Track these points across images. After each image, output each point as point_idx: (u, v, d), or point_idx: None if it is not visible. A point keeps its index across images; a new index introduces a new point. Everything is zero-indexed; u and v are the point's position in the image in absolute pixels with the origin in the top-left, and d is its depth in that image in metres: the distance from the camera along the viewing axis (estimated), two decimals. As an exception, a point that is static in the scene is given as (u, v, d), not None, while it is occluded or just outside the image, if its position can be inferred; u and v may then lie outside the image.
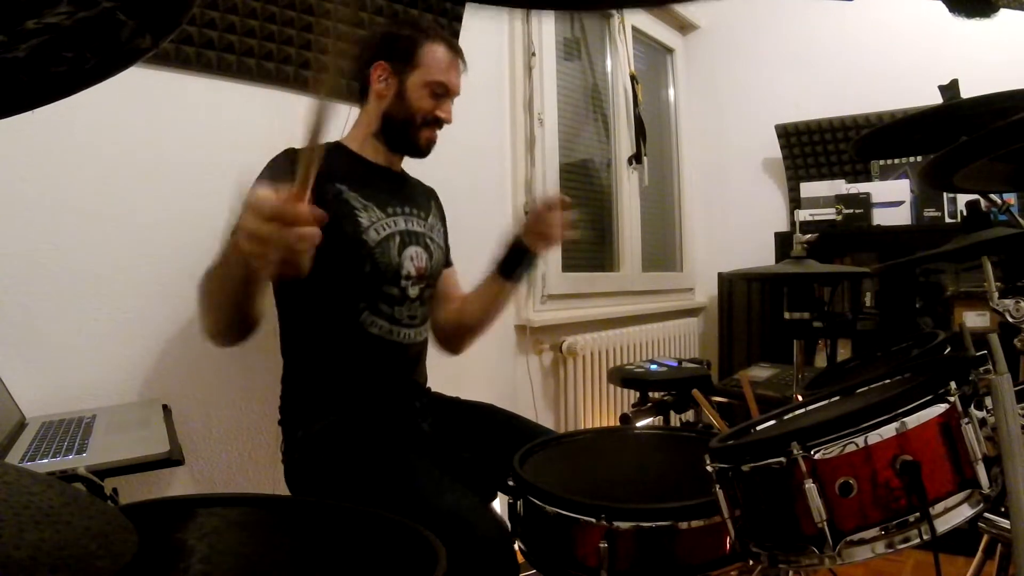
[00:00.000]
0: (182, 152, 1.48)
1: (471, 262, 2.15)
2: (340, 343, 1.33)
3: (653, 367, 2.20)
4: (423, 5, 1.94)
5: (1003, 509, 0.93)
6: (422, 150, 1.42)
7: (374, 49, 1.39)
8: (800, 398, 1.45)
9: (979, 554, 1.38)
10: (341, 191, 1.32)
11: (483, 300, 1.53)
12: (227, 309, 1.04)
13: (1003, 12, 0.67)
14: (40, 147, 1.28)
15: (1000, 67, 2.11)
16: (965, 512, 0.77)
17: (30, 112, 0.38)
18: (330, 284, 1.31)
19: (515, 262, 1.47)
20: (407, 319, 1.38)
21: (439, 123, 1.41)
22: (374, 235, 1.33)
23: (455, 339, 1.59)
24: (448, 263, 1.60)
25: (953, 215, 2.57)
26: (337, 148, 1.41)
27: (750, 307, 3.03)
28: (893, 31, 2.84)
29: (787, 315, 1.80)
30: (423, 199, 1.52)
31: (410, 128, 1.38)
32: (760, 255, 3.01)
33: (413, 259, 1.38)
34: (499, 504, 1.45)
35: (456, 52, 1.41)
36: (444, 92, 1.39)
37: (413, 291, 1.39)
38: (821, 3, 2.96)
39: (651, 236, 3.22)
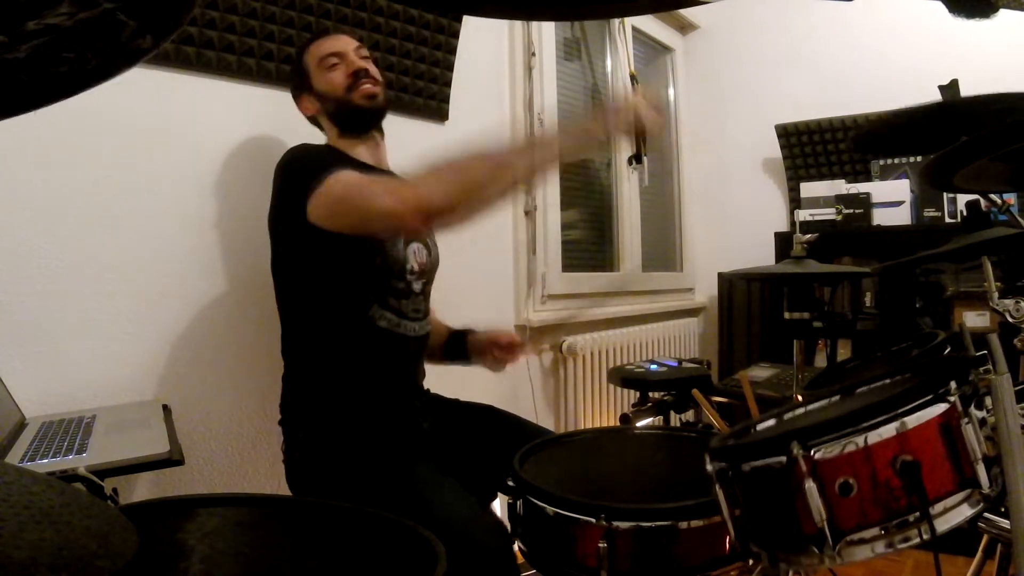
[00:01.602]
0: (182, 152, 1.48)
1: (471, 262, 2.15)
2: (348, 337, 1.34)
3: (653, 367, 2.20)
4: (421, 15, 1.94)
5: (1003, 509, 0.93)
6: (366, 107, 1.41)
7: (293, 93, 1.50)
8: (800, 398, 1.45)
9: (979, 554, 1.38)
10: None
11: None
12: (489, 195, 1.15)
13: (1003, 12, 0.67)
14: (40, 147, 1.28)
15: (1000, 67, 2.11)
16: (965, 512, 0.77)
17: (31, 113, 0.38)
18: (341, 278, 1.32)
19: (455, 354, 1.56)
20: (412, 312, 1.39)
21: (361, 76, 1.40)
22: None
23: None
24: None
25: (953, 215, 2.57)
26: (330, 150, 1.42)
27: (750, 307, 3.03)
28: (893, 31, 2.84)
29: (787, 315, 1.79)
30: None
31: (346, 103, 1.40)
32: (760, 255, 3.01)
33: (416, 254, 1.41)
34: (499, 504, 1.46)
35: (326, 32, 1.48)
36: (337, 56, 1.41)
37: (417, 285, 1.41)
38: (821, 3, 2.95)
39: (651, 236, 3.22)
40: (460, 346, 1.55)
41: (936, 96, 1.15)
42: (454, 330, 1.58)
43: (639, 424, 1.98)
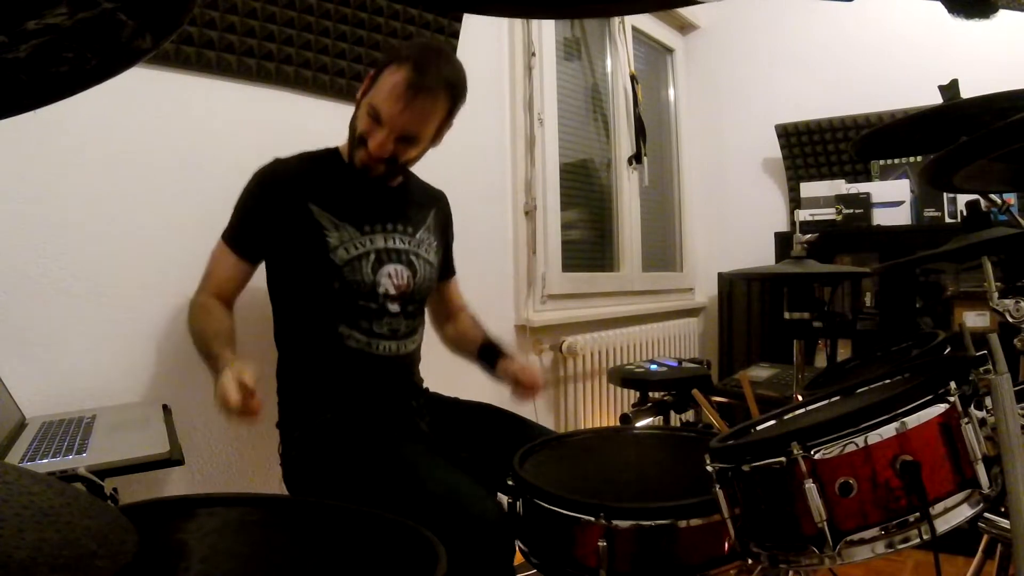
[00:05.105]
0: (182, 152, 1.48)
1: (471, 262, 2.14)
2: (321, 354, 1.34)
3: (653, 367, 2.20)
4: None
5: (1003, 509, 0.93)
6: (356, 169, 1.34)
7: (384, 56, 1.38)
8: (800, 398, 1.45)
9: (979, 554, 1.38)
10: (311, 212, 1.31)
11: (465, 350, 1.58)
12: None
13: (1003, 12, 0.67)
14: (40, 147, 1.28)
15: (1000, 67, 2.11)
16: (965, 512, 0.77)
17: (31, 113, 0.38)
18: (305, 299, 1.33)
19: (489, 361, 1.51)
20: (388, 332, 1.36)
21: (376, 159, 1.31)
22: (343, 254, 1.31)
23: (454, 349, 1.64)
24: (449, 273, 1.61)
25: (953, 215, 2.57)
26: (331, 156, 1.40)
27: (750, 307, 3.03)
28: (893, 31, 2.84)
29: (787, 315, 1.79)
30: (418, 210, 1.47)
31: (352, 144, 1.34)
32: (760, 255, 3.01)
33: (392, 276, 1.35)
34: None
35: (416, 89, 1.25)
36: (376, 118, 1.28)
37: (393, 307, 1.36)
38: (821, 3, 2.95)
39: (651, 236, 3.22)
40: (491, 360, 1.50)
41: (936, 96, 1.14)
42: (490, 342, 1.53)
43: (639, 424, 1.98)
